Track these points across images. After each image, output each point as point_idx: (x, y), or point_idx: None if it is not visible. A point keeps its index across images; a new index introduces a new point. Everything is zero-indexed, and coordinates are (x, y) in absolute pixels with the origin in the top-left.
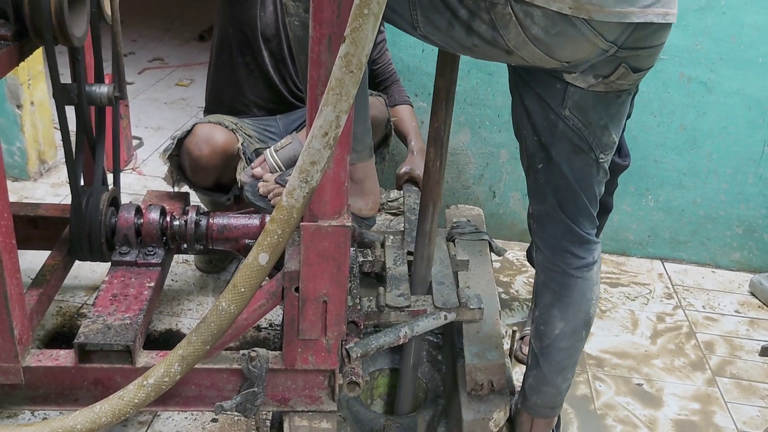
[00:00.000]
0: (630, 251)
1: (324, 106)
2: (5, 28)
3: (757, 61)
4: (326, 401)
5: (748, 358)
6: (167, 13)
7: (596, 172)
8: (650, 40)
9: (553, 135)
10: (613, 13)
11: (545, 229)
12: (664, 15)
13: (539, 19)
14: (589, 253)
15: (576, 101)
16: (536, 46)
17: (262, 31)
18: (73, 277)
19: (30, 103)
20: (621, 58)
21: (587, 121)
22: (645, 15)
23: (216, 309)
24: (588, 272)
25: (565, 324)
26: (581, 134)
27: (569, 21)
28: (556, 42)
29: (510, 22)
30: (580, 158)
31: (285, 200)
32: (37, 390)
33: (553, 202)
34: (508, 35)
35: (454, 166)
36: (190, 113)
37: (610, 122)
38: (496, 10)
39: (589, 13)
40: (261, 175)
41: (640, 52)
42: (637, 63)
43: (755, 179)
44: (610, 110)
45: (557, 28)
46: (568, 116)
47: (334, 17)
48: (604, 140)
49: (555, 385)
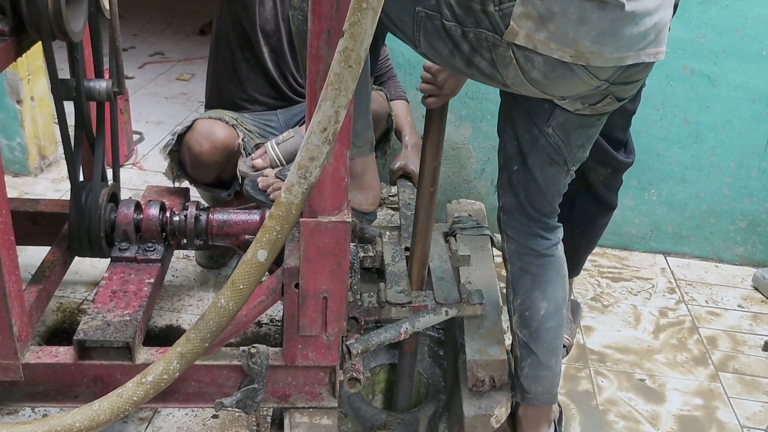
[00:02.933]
0: (632, 246)
1: (323, 102)
2: (2, 23)
3: (761, 54)
4: (327, 397)
5: (751, 353)
6: (168, 8)
7: (564, 178)
8: (638, 75)
9: (532, 147)
10: (610, 59)
11: (516, 219)
12: (655, 54)
13: (539, 65)
14: (555, 234)
15: (560, 122)
16: (533, 86)
17: (261, 26)
18: (74, 273)
19: (30, 98)
20: (610, 92)
21: (567, 140)
22: (639, 57)
23: (215, 306)
24: (557, 250)
25: (548, 303)
26: (559, 150)
27: (568, 67)
28: (553, 83)
29: (510, 64)
30: (554, 168)
31: (284, 196)
32: (37, 387)
33: (522, 198)
34: (507, 74)
35: (455, 160)
36: (191, 108)
37: (586, 141)
38: (497, 51)
39: (588, 60)
40: (261, 166)
41: (628, 86)
42: (623, 94)
43: (759, 173)
44: (589, 131)
45: (556, 72)
46: (550, 134)
47: (333, 11)
48: (579, 156)
49: (550, 368)
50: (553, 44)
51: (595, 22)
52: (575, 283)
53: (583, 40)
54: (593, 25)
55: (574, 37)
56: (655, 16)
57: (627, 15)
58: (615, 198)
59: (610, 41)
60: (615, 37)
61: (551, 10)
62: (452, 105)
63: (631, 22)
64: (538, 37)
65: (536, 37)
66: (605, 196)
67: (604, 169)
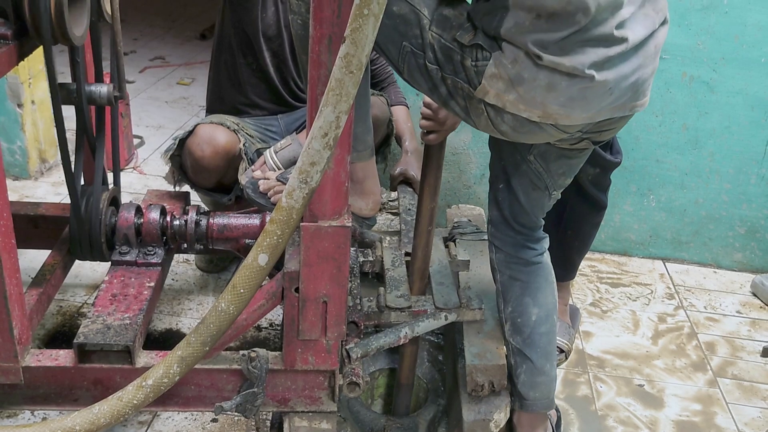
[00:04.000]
0: (631, 251)
1: (324, 107)
2: (5, 27)
3: (759, 60)
4: (326, 402)
5: (750, 359)
6: (169, 12)
7: (548, 200)
8: (615, 124)
9: (516, 170)
10: (580, 118)
11: (503, 232)
12: (631, 108)
13: (509, 120)
14: (540, 245)
15: (541, 151)
16: (503, 136)
17: (263, 31)
18: (74, 276)
19: (31, 101)
20: (585, 137)
21: (548, 169)
22: (612, 113)
23: (215, 310)
24: (544, 257)
25: (539, 309)
26: (541, 177)
27: (537, 124)
28: (523, 136)
29: (482, 115)
30: (537, 192)
31: (284, 201)
32: (37, 390)
33: (507, 215)
34: (478, 122)
35: (455, 165)
36: (192, 112)
37: (568, 171)
38: (471, 102)
39: (556, 120)
40: (261, 178)
41: (603, 133)
42: (599, 138)
43: (757, 179)
44: (571, 161)
45: (525, 128)
46: (531, 161)
47: (334, 17)
48: (560, 183)
49: (546, 373)
50: (521, 105)
51: (564, 90)
52: (574, 288)
53: (551, 104)
54: (562, 93)
55: (542, 102)
56: (632, 77)
57: (598, 84)
58: (605, 197)
59: (579, 105)
60: (584, 102)
61: (521, 75)
62: None
63: (603, 90)
64: (507, 97)
65: (506, 97)
66: (595, 196)
67: (592, 168)
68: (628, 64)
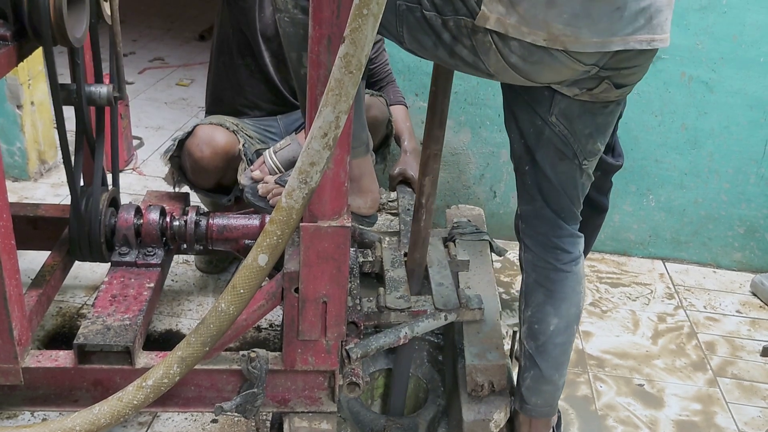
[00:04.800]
0: (631, 251)
1: (323, 107)
2: (4, 28)
3: (758, 60)
4: (326, 402)
5: (750, 359)
6: (168, 13)
7: (580, 176)
8: (634, 61)
9: (538, 141)
10: (590, 43)
11: (534, 227)
12: (648, 41)
13: (516, 48)
14: (575, 246)
15: (562, 109)
16: (516, 72)
17: (261, 31)
18: (73, 278)
19: (30, 103)
20: (604, 77)
21: (572, 129)
22: (626, 43)
23: (215, 310)
24: (576, 266)
25: (559, 320)
26: (566, 141)
27: (546, 51)
28: (535, 69)
29: (490, 50)
30: (565, 163)
31: (284, 201)
32: (37, 391)
33: (540, 202)
34: (488, 61)
35: (454, 166)
36: (191, 113)
37: (595, 131)
38: (476, 37)
39: (564, 44)
40: (260, 177)
41: (623, 71)
42: (621, 80)
43: (757, 179)
44: (597, 120)
45: (535, 56)
46: (554, 123)
47: (334, 17)
48: (589, 148)
49: (553, 382)
50: (524, 28)
51: (565, 4)
52: None
53: (554, 23)
54: (563, 7)
55: (545, 20)
56: (644, 0)
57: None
58: (606, 200)
59: (585, 24)
60: (590, 20)
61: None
62: (451, 111)
63: (608, 5)
64: (508, 21)
65: (507, 21)
66: (596, 199)
67: (594, 171)
68: None
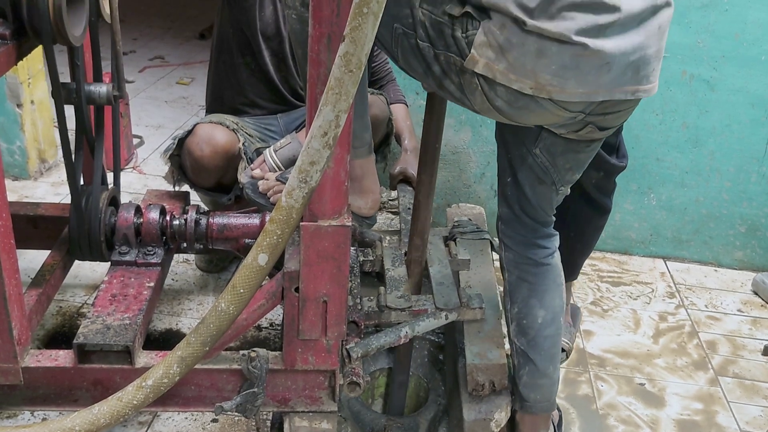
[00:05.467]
0: (632, 250)
1: (323, 106)
2: (3, 27)
3: (760, 58)
4: (326, 401)
5: (751, 358)
6: (168, 12)
7: (555, 196)
8: (618, 107)
9: (521, 164)
10: (576, 93)
11: (514, 229)
12: (633, 92)
13: (502, 93)
14: (552, 243)
15: (547, 145)
16: (501, 115)
17: (262, 30)
18: (73, 277)
19: (30, 101)
20: (588, 121)
21: (554, 163)
22: (612, 93)
23: (215, 310)
24: (553, 259)
25: (545, 312)
26: (547, 171)
27: (532, 98)
28: (520, 114)
29: (476, 91)
30: (543, 187)
31: (284, 200)
32: (37, 390)
33: (517, 209)
34: (474, 100)
35: (455, 164)
36: (191, 111)
37: (575, 166)
38: (464, 76)
39: (549, 93)
40: (261, 176)
41: (608, 116)
42: (606, 124)
43: (758, 177)
44: (578, 156)
45: (520, 102)
46: (537, 155)
47: (334, 16)
48: (567, 178)
49: (548, 376)
50: (512, 75)
51: (555, 56)
52: (575, 287)
53: (542, 73)
54: (553, 59)
55: (533, 69)
56: (633, 55)
57: (593, 53)
58: (609, 201)
59: (573, 76)
60: (578, 72)
61: (510, 41)
62: (452, 110)
63: (598, 60)
64: (497, 66)
65: (496, 66)
66: (599, 200)
67: (596, 172)
68: (626, 39)
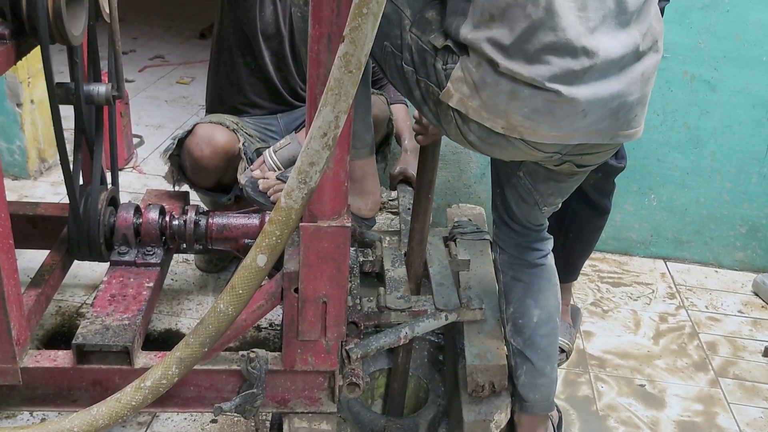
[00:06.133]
0: (632, 251)
1: (323, 107)
2: (2, 27)
3: (761, 59)
4: (326, 402)
5: (752, 359)
6: (168, 11)
7: (539, 214)
8: (596, 149)
9: (507, 182)
10: (549, 136)
11: (507, 234)
12: (611, 137)
13: (475, 129)
14: (545, 245)
15: (530, 170)
16: (474, 148)
17: (262, 30)
18: (73, 276)
19: (30, 101)
20: (566, 160)
21: (537, 187)
22: (588, 137)
23: (214, 311)
24: (547, 260)
25: (540, 311)
26: (530, 193)
27: (504, 137)
28: (493, 150)
29: (451, 123)
30: (526, 206)
31: (283, 201)
32: (36, 391)
33: (507, 219)
34: (449, 131)
35: (455, 165)
36: (191, 111)
37: (557, 192)
38: (441, 107)
39: (522, 134)
40: (260, 177)
41: (585, 156)
42: (584, 162)
43: (759, 179)
44: (560, 185)
45: (492, 139)
46: (521, 176)
47: (333, 16)
48: (550, 201)
49: (546, 375)
50: (484, 113)
51: (527, 99)
52: (575, 287)
53: (514, 115)
54: (525, 102)
55: (505, 110)
56: (612, 103)
57: (566, 101)
58: (608, 202)
59: (545, 120)
60: (551, 117)
61: (484, 80)
62: None
63: (572, 107)
64: (470, 103)
65: (469, 103)
66: (597, 201)
67: (594, 173)
68: (604, 85)
